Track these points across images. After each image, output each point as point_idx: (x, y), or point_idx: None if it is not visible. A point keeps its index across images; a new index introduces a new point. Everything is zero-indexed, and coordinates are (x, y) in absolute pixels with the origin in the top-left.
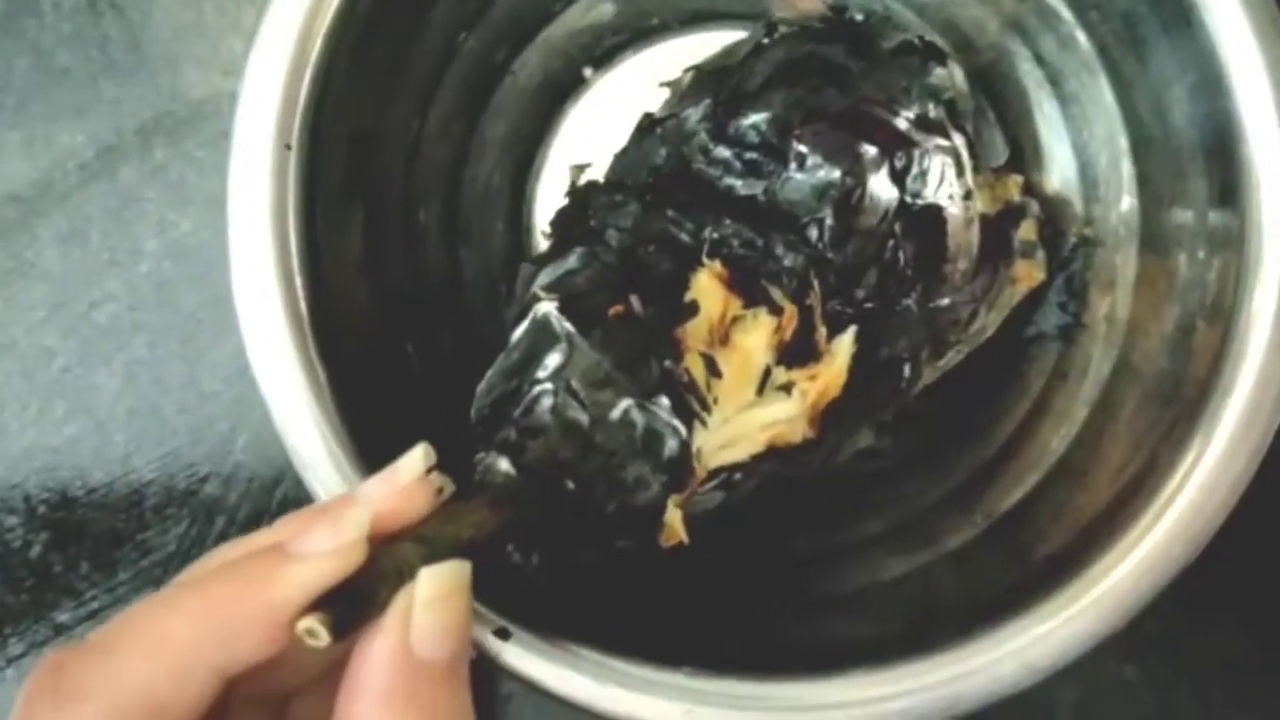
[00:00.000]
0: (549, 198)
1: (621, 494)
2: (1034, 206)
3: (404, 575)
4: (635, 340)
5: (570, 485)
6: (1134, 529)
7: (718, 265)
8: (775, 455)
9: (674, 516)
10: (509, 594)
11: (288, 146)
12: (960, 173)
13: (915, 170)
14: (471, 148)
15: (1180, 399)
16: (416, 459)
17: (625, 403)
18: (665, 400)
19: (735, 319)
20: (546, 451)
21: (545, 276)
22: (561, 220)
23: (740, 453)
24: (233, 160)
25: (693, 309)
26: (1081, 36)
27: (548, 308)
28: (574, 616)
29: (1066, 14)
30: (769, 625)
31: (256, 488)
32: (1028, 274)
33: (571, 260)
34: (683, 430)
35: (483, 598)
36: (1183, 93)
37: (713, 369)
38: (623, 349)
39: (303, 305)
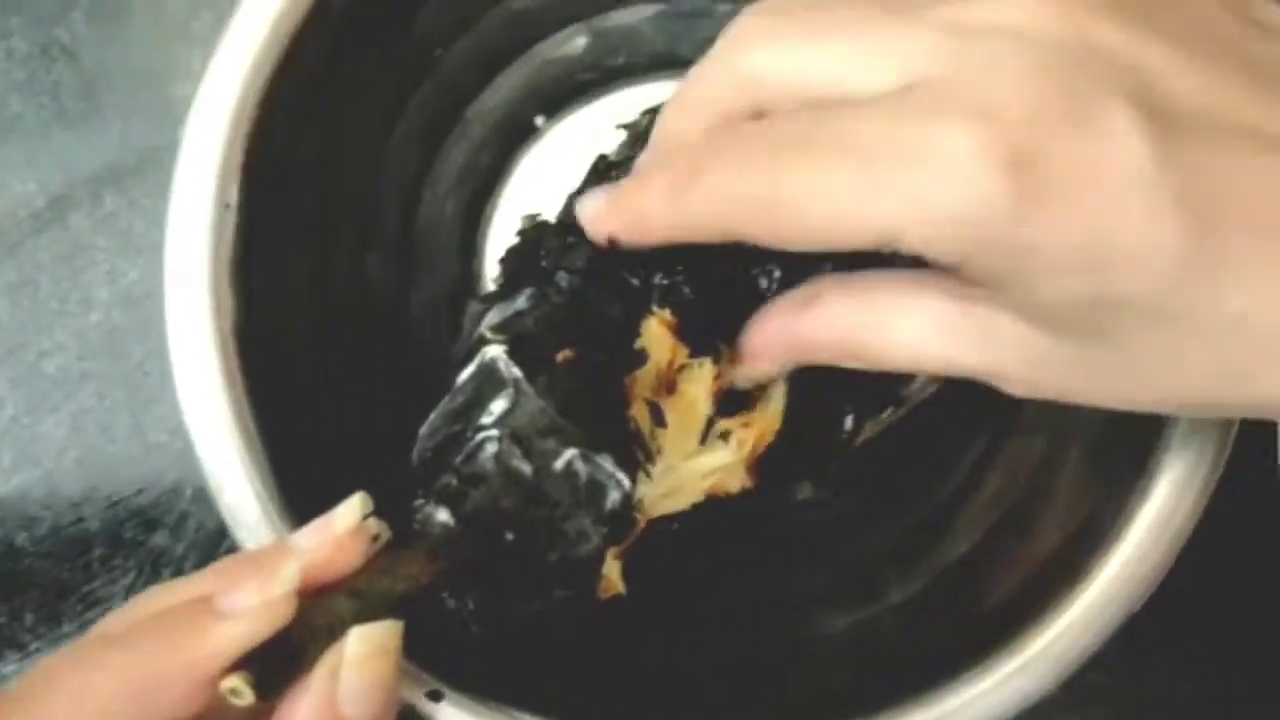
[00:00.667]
0: (502, 236)
1: (562, 545)
2: None
3: (335, 631)
4: (583, 387)
5: (510, 536)
6: (1075, 586)
7: (667, 313)
8: (715, 505)
9: (612, 569)
10: (443, 653)
11: (226, 206)
12: None
13: None
14: (425, 186)
15: (1121, 455)
16: (352, 509)
17: (569, 453)
18: (608, 453)
19: (682, 367)
20: (488, 500)
21: (494, 316)
22: (511, 259)
23: (681, 502)
24: (170, 220)
25: (641, 357)
26: None
27: (496, 351)
28: (508, 677)
29: None
30: (710, 682)
31: (204, 538)
32: None
33: (520, 301)
34: (626, 483)
35: (417, 657)
36: None
37: (658, 418)
38: (570, 396)
39: (238, 368)
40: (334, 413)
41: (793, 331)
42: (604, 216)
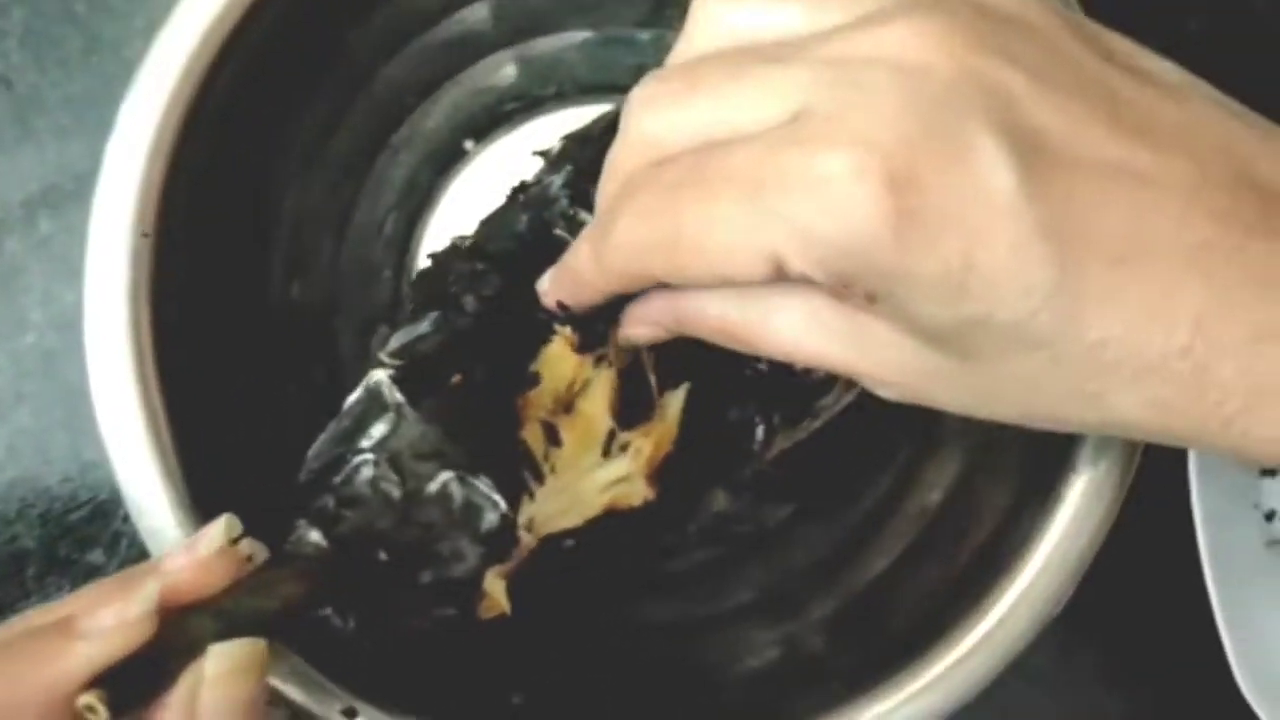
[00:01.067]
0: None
1: (436, 565)
2: None
3: (195, 650)
4: (469, 411)
5: (384, 556)
6: (985, 602)
7: (568, 331)
8: (617, 519)
9: (495, 587)
10: (357, 669)
11: (145, 234)
12: None
13: None
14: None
15: (1032, 474)
16: (217, 531)
17: (444, 476)
18: (487, 475)
19: (582, 386)
20: (363, 522)
21: (396, 340)
22: (421, 283)
23: (576, 518)
24: (89, 248)
25: (534, 379)
26: None
27: (380, 375)
28: (424, 692)
29: None
30: (634, 696)
31: (137, 556)
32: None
33: (424, 325)
34: (503, 504)
35: (330, 673)
36: None
37: (553, 437)
38: (455, 420)
39: (158, 394)
40: (255, 438)
41: (675, 306)
42: (550, 289)
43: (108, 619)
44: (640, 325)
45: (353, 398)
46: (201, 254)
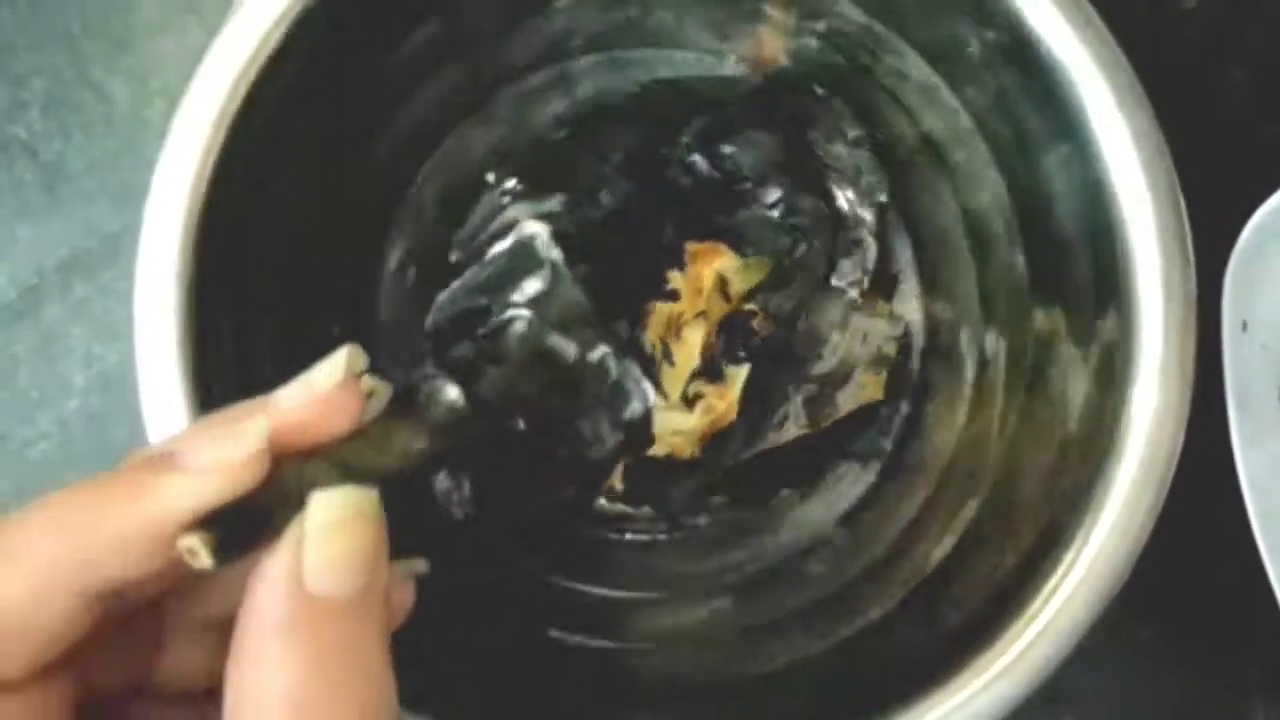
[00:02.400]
0: None
1: (573, 443)
2: (901, 326)
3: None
4: (617, 291)
5: (522, 424)
6: (1043, 590)
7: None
8: (668, 463)
9: (617, 471)
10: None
11: (188, 288)
12: (864, 276)
13: (839, 255)
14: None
15: (1079, 463)
16: (337, 363)
17: (604, 349)
18: (635, 363)
19: (688, 320)
20: (504, 383)
21: (521, 210)
22: (539, 162)
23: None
24: (136, 305)
25: (674, 294)
26: (961, 110)
27: (537, 229)
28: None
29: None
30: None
31: None
32: (873, 387)
33: (553, 203)
34: (651, 395)
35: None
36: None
37: (668, 355)
38: (604, 296)
39: None
40: None
41: None
42: None
43: (214, 455)
44: None
45: (498, 248)
46: (245, 298)
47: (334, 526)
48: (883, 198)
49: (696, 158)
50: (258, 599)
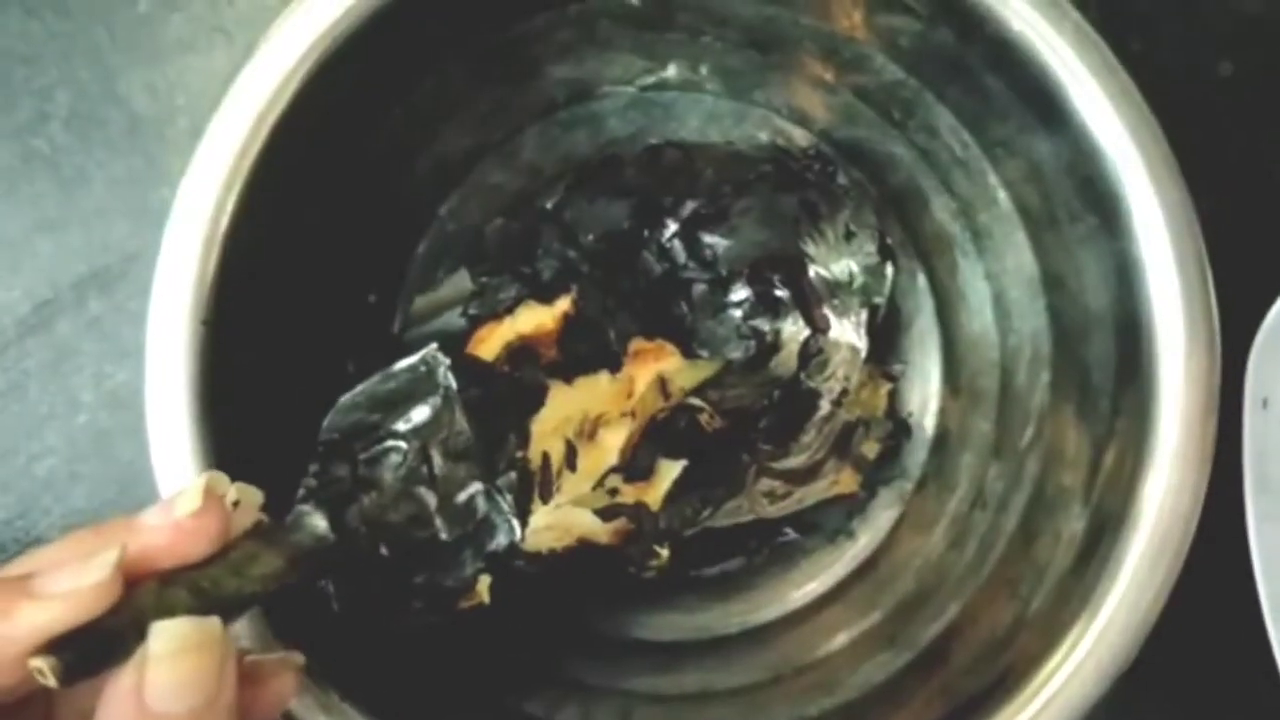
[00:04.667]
0: None
1: (432, 570)
2: (887, 428)
3: None
4: (504, 415)
5: (385, 551)
6: (1051, 663)
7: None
8: (586, 549)
9: (483, 583)
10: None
11: (204, 323)
12: (848, 376)
13: (820, 356)
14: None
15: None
16: (195, 490)
17: (474, 487)
18: (509, 494)
19: (609, 421)
20: (376, 511)
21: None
22: (504, 240)
23: (554, 541)
24: (149, 337)
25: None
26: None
27: (440, 357)
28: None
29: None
30: None
31: None
32: (847, 481)
33: (506, 293)
34: (518, 530)
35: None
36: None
37: (571, 460)
38: (490, 421)
39: None
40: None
41: None
42: None
43: (64, 583)
44: None
45: (405, 363)
46: (259, 337)
47: (175, 654)
48: (879, 300)
49: (676, 243)
50: (103, 714)
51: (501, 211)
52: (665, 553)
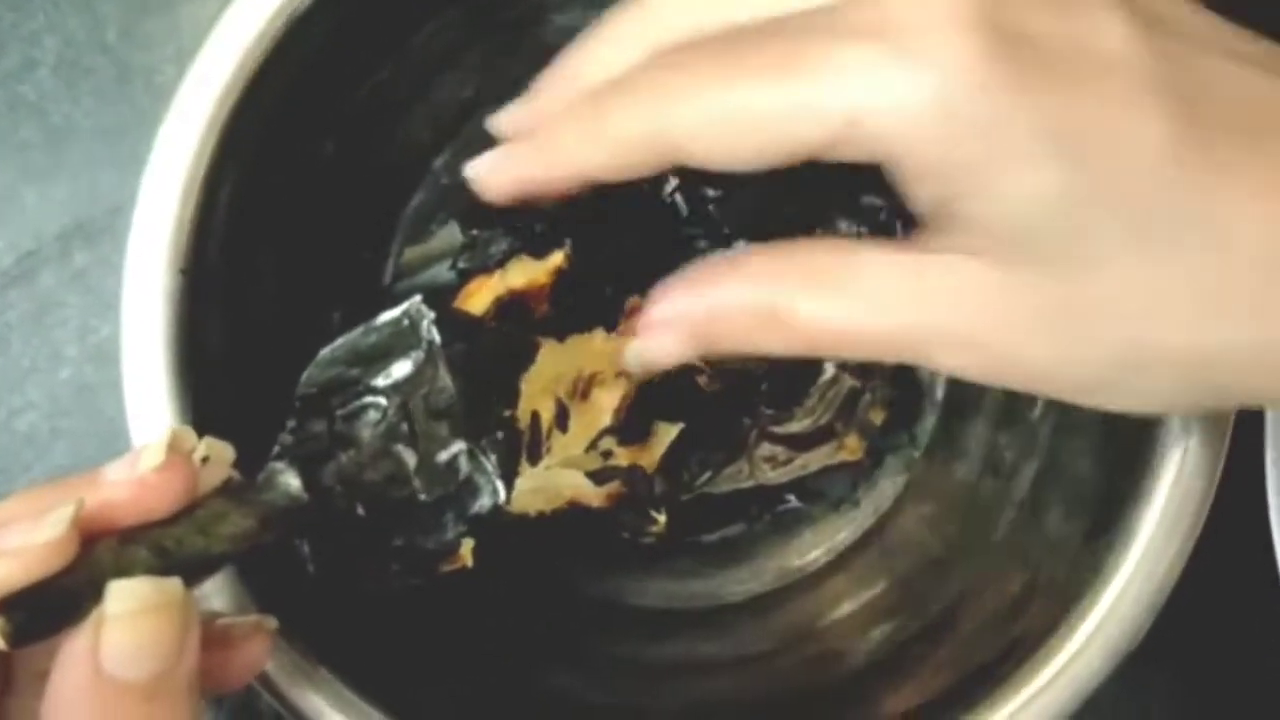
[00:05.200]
0: None
1: (411, 532)
2: (893, 394)
3: None
4: (492, 370)
5: (361, 511)
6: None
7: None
8: (577, 513)
9: (466, 545)
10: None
11: (182, 272)
12: None
13: None
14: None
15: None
16: (158, 446)
17: (457, 447)
18: (493, 454)
19: (604, 379)
20: (353, 469)
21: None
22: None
23: (543, 504)
24: (125, 289)
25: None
26: None
27: (425, 310)
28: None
29: None
30: None
31: None
32: (852, 447)
33: (498, 246)
34: (502, 492)
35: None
36: None
37: (561, 421)
38: (475, 376)
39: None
40: None
41: (702, 298)
42: (501, 162)
43: (14, 539)
44: (659, 334)
45: (388, 316)
46: (239, 284)
47: (131, 615)
48: None
49: (677, 197)
50: (58, 676)
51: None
52: (662, 519)
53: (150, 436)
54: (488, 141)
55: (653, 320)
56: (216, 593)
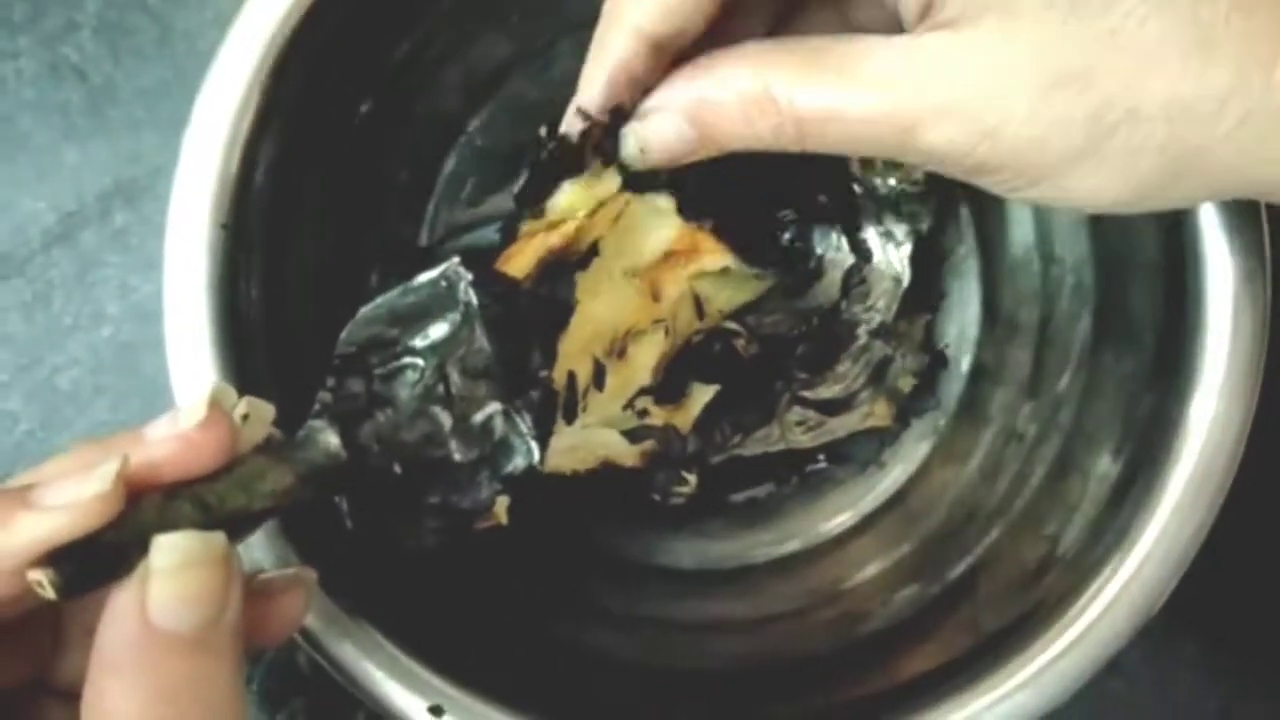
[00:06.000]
0: None
1: (447, 490)
2: (923, 361)
3: None
4: (530, 330)
5: (399, 469)
6: (1083, 601)
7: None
8: (610, 472)
9: (501, 503)
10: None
11: (223, 227)
12: (889, 306)
13: (863, 286)
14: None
15: (1128, 464)
16: (200, 403)
17: (491, 408)
18: (528, 413)
19: (640, 333)
20: (390, 428)
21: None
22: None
23: (577, 463)
24: (168, 244)
25: (569, 309)
26: None
27: (462, 272)
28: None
29: None
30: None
31: None
32: (881, 413)
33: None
34: (536, 452)
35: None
36: None
37: (599, 380)
38: (513, 337)
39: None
40: None
41: (701, 84)
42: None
43: (63, 494)
44: (656, 118)
45: (426, 276)
46: (279, 243)
47: (177, 568)
48: (924, 226)
49: None
50: (106, 630)
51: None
52: (693, 479)
53: (192, 392)
54: (521, 105)
55: (650, 105)
56: (259, 545)
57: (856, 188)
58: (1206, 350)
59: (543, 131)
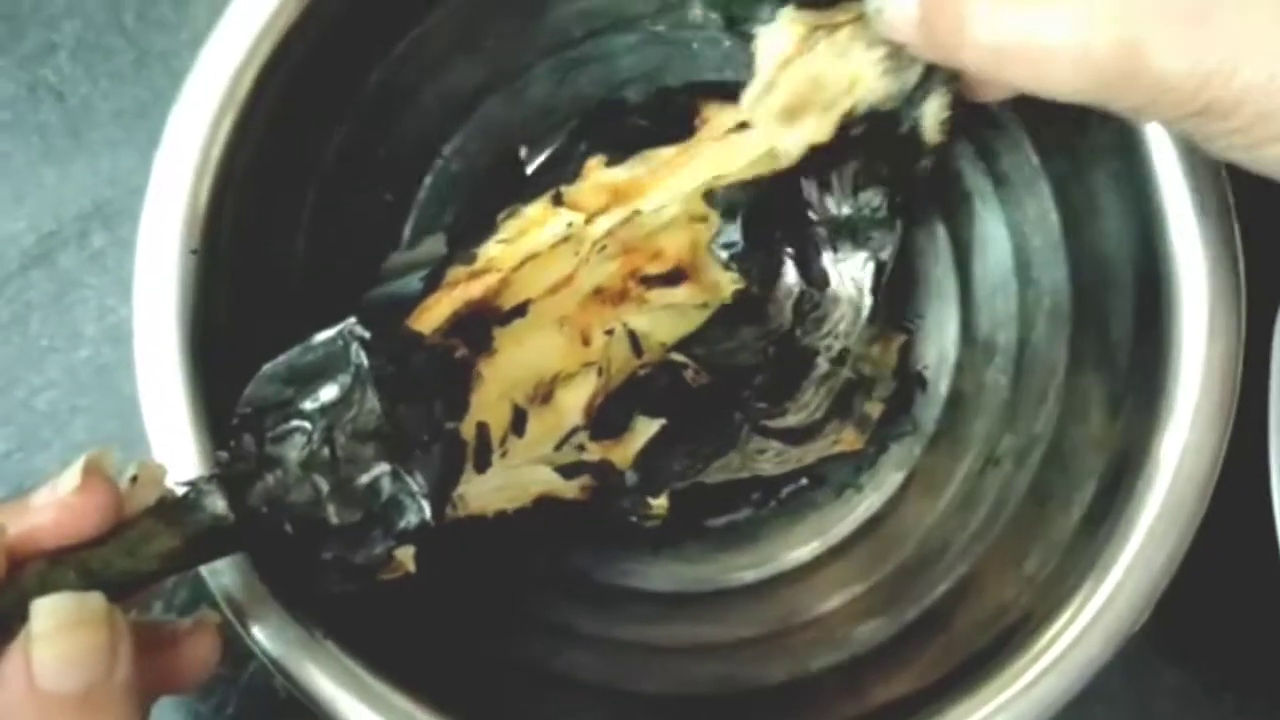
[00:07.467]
0: None
1: (339, 547)
2: (892, 387)
3: None
4: (426, 384)
5: (289, 528)
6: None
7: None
8: (547, 505)
9: (405, 553)
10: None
11: (193, 252)
12: (849, 333)
13: (817, 312)
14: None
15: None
16: (75, 469)
17: (378, 470)
18: (420, 473)
19: (568, 377)
20: (278, 491)
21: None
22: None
23: (506, 501)
24: (138, 269)
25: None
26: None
27: (357, 330)
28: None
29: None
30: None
31: (194, 572)
32: (850, 440)
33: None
34: (428, 511)
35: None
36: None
37: (518, 426)
38: (407, 394)
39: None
40: None
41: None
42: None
43: None
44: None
45: (325, 335)
46: (250, 268)
47: (57, 630)
48: (885, 254)
49: None
50: None
51: (505, 153)
52: (661, 502)
53: (171, 415)
54: (497, 128)
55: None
56: (227, 572)
57: (811, 214)
58: (1180, 377)
59: (523, 152)
